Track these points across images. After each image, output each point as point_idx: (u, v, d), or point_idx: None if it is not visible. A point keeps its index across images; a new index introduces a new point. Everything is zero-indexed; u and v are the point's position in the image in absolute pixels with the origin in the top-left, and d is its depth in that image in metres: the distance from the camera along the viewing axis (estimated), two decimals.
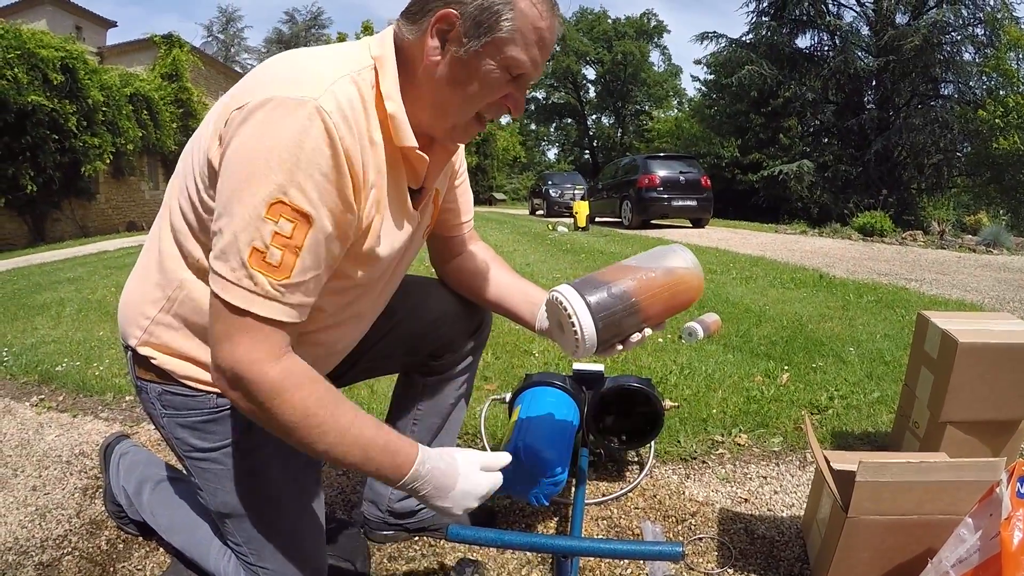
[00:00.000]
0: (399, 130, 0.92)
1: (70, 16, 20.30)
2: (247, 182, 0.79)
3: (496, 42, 0.89)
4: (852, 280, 5.02)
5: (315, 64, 0.87)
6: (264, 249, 0.79)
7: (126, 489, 1.42)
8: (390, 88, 0.91)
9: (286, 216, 0.79)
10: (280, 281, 0.81)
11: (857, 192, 19.96)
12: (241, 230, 0.79)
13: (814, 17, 22.24)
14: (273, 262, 0.80)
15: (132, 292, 1.05)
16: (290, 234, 0.80)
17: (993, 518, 0.91)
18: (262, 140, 0.79)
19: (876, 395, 2.24)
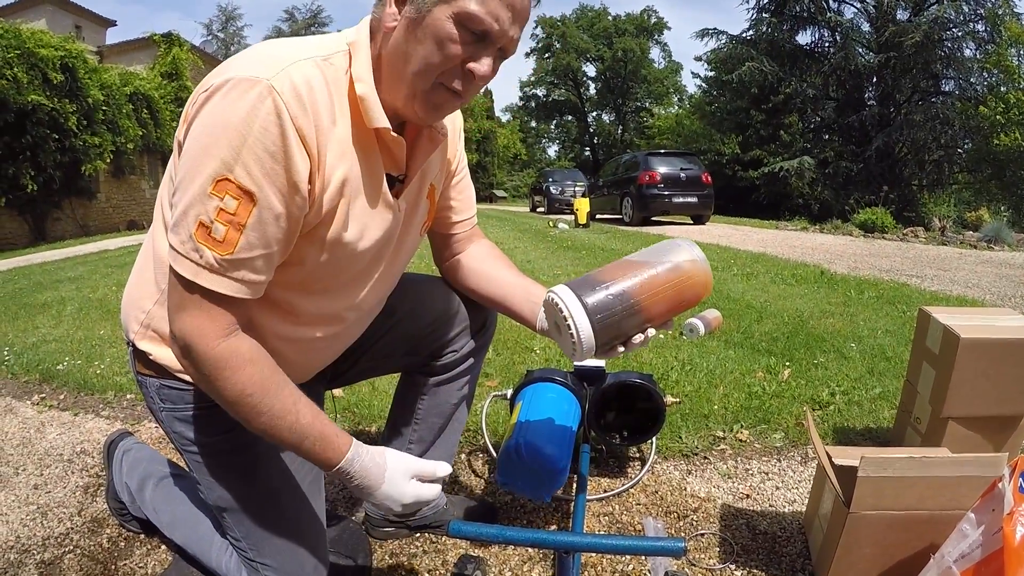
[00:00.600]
0: (369, 111, 0.90)
1: (70, 15, 20.31)
2: (199, 159, 0.80)
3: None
4: (853, 276, 5.02)
5: (278, 49, 0.87)
6: (209, 224, 0.80)
7: (129, 486, 1.42)
8: (361, 71, 0.90)
9: (231, 193, 0.80)
10: (224, 256, 0.81)
11: (858, 189, 19.94)
12: (190, 205, 0.80)
13: (815, 13, 22.23)
14: (217, 237, 0.80)
15: (132, 288, 1.06)
16: (234, 211, 0.80)
17: (995, 513, 0.91)
18: (213, 118, 0.80)
19: (878, 391, 2.24)
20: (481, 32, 0.85)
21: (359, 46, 0.91)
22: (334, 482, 1.72)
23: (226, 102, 0.80)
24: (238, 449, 1.03)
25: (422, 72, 0.87)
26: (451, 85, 0.89)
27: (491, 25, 0.85)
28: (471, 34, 0.85)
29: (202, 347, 0.83)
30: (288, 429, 0.88)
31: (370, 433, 2.02)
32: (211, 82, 0.83)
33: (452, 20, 0.84)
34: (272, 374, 0.89)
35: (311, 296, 0.99)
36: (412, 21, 0.86)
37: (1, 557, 1.43)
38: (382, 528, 1.45)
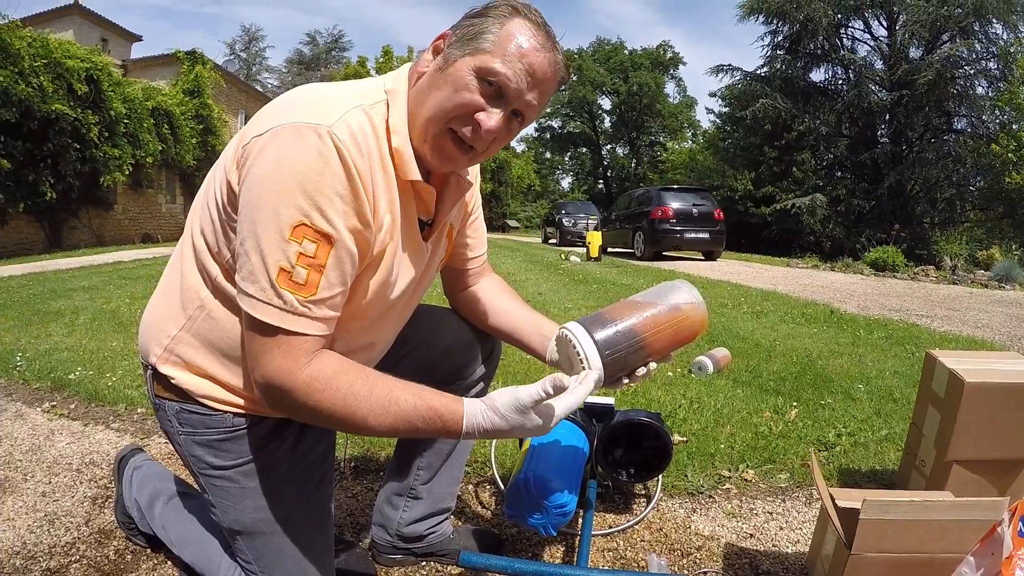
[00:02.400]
0: (404, 164, 0.95)
1: (97, 28, 20.77)
2: (270, 207, 0.83)
3: (475, 51, 0.92)
4: (863, 316, 5.01)
5: (330, 95, 0.92)
6: (290, 269, 0.84)
7: (138, 502, 1.43)
8: (397, 123, 0.95)
9: (309, 237, 0.84)
10: (307, 298, 0.86)
11: (869, 226, 19.95)
12: (268, 253, 0.84)
13: (828, 51, 22.47)
14: (299, 280, 0.85)
15: (154, 310, 1.07)
16: (313, 254, 0.85)
17: (995, 557, 0.91)
18: (280, 165, 0.83)
19: (884, 433, 2.23)
20: (497, 85, 0.92)
21: (397, 96, 0.96)
22: (341, 507, 1.73)
23: (288, 148, 0.84)
24: (255, 474, 1.04)
25: (435, 116, 0.94)
26: (459, 131, 0.94)
27: (506, 81, 0.92)
28: (488, 86, 0.92)
29: (288, 383, 0.87)
30: (395, 419, 0.91)
31: (379, 459, 2.04)
32: (268, 126, 0.86)
33: (473, 71, 0.91)
34: (358, 376, 0.91)
35: (343, 333, 1.01)
36: (439, 69, 0.94)
37: (7, 562, 1.45)
38: (389, 555, 1.46)
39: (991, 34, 19.86)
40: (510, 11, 0.94)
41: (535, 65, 0.93)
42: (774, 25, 23.16)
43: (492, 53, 0.91)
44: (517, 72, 0.92)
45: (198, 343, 1.00)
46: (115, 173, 14.57)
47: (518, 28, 0.93)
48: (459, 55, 0.92)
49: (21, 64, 11.71)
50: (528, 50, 0.92)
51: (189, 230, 1.02)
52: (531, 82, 0.93)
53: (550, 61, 0.95)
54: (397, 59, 32.07)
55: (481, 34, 0.92)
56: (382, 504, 1.45)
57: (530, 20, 0.94)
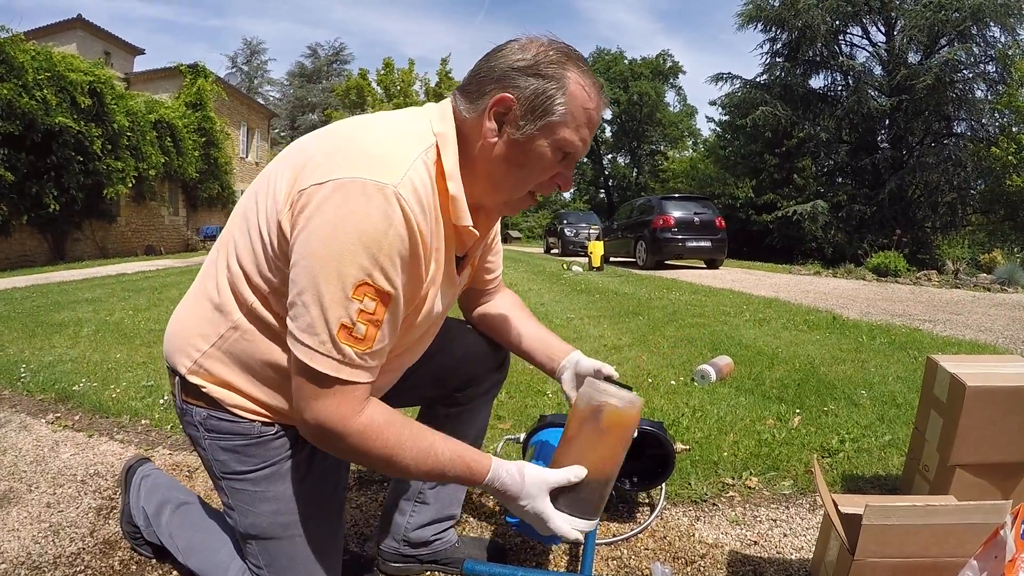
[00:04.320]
0: (458, 210, 0.99)
1: (100, 41, 20.91)
2: (334, 264, 0.85)
3: (550, 125, 0.96)
4: (865, 322, 5.01)
5: (389, 144, 0.93)
6: (351, 325, 0.88)
7: (145, 509, 1.44)
8: (452, 168, 0.98)
9: (370, 296, 0.87)
10: (364, 351, 0.90)
11: (871, 232, 19.94)
12: (330, 308, 0.87)
13: (827, 58, 22.52)
14: (359, 335, 0.89)
15: (183, 321, 1.09)
16: (373, 311, 0.89)
17: (997, 560, 0.91)
18: (346, 224, 0.85)
19: (887, 438, 2.23)
20: (572, 154, 1.01)
21: (447, 140, 0.98)
22: (346, 518, 1.73)
23: (357, 207, 0.85)
24: (275, 479, 1.07)
25: (520, 186, 1.02)
26: (540, 193, 1.06)
27: (579, 149, 1.00)
28: (563, 155, 1.00)
29: (342, 428, 0.91)
30: (431, 468, 0.97)
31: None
32: (329, 177, 0.87)
33: (551, 146, 0.98)
34: (404, 427, 0.97)
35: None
36: (514, 142, 0.97)
37: (12, 573, 1.45)
38: (394, 563, 1.46)
39: (989, 37, 19.89)
40: (562, 60, 0.97)
41: (595, 118, 1.00)
42: (773, 33, 23.22)
43: (566, 124, 0.97)
44: (585, 136, 1.00)
45: (229, 360, 1.03)
46: (118, 185, 14.66)
47: (579, 87, 0.97)
48: (534, 131, 0.96)
49: (25, 77, 11.81)
50: (593, 110, 0.99)
51: (224, 249, 1.03)
52: (591, 133, 1.02)
53: (602, 106, 1.02)
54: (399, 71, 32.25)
55: (549, 104, 0.96)
56: (389, 510, 1.46)
57: (581, 69, 0.98)
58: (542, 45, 0.98)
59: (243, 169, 25.66)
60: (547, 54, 0.97)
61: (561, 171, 1.02)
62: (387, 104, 30.79)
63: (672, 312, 5.50)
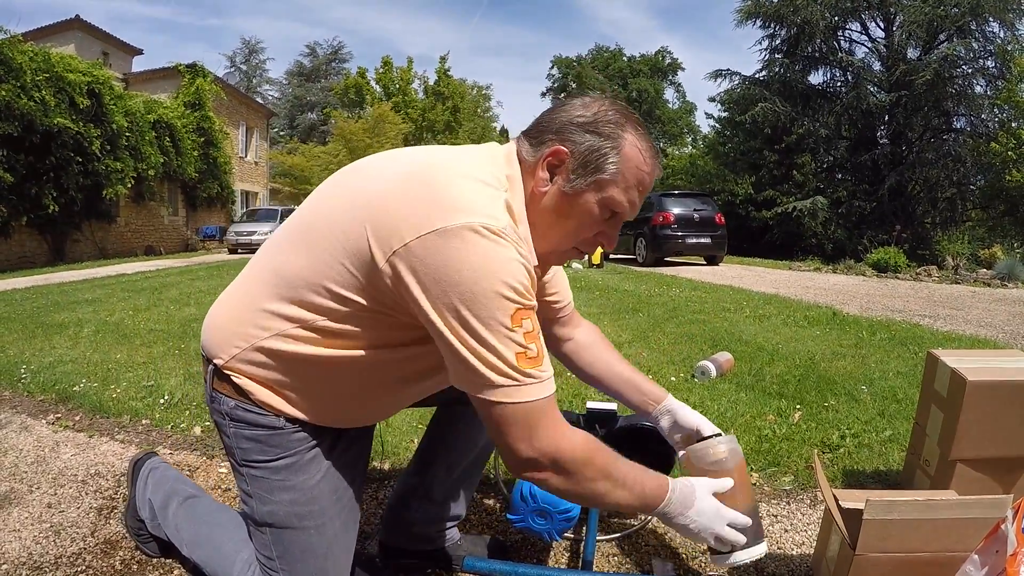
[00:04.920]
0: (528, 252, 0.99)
1: (98, 42, 20.89)
2: (485, 308, 0.86)
3: (599, 182, 0.98)
4: (865, 317, 5.01)
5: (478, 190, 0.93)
6: (524, 348, 0.89)
7: (152, 502, 1.44)
8: (520, 210, 0.99)
9: (524, 316, 0.89)
10: (541, 365, 0.91)
11: (871, 227, 19.95)
12: (501, 346, 0.88)
13: (827, 54, 22.53)
14: (533, 355, 0.90)
15: (225, 317, 1.09)
16: (532, 328, 0.91)
17: (999, 554, 0.91)
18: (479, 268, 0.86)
19: (888, 433, 2.23)
20: (619, 214, 1.02)
21: (515, 184, 1.00)
22: None
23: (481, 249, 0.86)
24: (296, 469, 1.08)
25: (566, 240, 1.04)
26: (583, 249, 1.07)
27: (626, 211, 1.02)
28: (610, 214, 1.02)
29: (565, 448, 0.93)
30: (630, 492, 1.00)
31: (383, 468, 2.04)
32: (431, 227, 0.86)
33: (599, 204, 1.00)
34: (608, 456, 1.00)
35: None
36: (565, 195, 1.00)
37: (14, 573, 1.45)
38: (396, 558, 1.46)
39: (988, 33, 19.94)
40: (620, 120, 0.99)
41: (646, 182, 1.02)
42: (772, 29, 23.24)
43: (616, 184, 0.98)
44: (634, 199, 1.02)
45: (265, 360, 1.03)
46: (117, 186, 14.66)
47: (634, 149, 0.99)
48: (584, 187, 0.98)
49: (23, 78, 11.81)
50: (644, 175, 1.01)
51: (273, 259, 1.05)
52: (641, 196, 1.03)
53: (658, 169, 1.03)
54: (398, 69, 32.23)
55: (602, 161, 0.98)
56: (395, 505, 1.46)
57: (638, 132, 1.00)
58: (603, 105, 1.01)
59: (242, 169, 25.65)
60: (607, 113, 0.99)
61: (606, 230, 1.04)
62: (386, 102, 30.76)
63: (672, 309, 5.50)
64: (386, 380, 1.07)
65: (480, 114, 40.09)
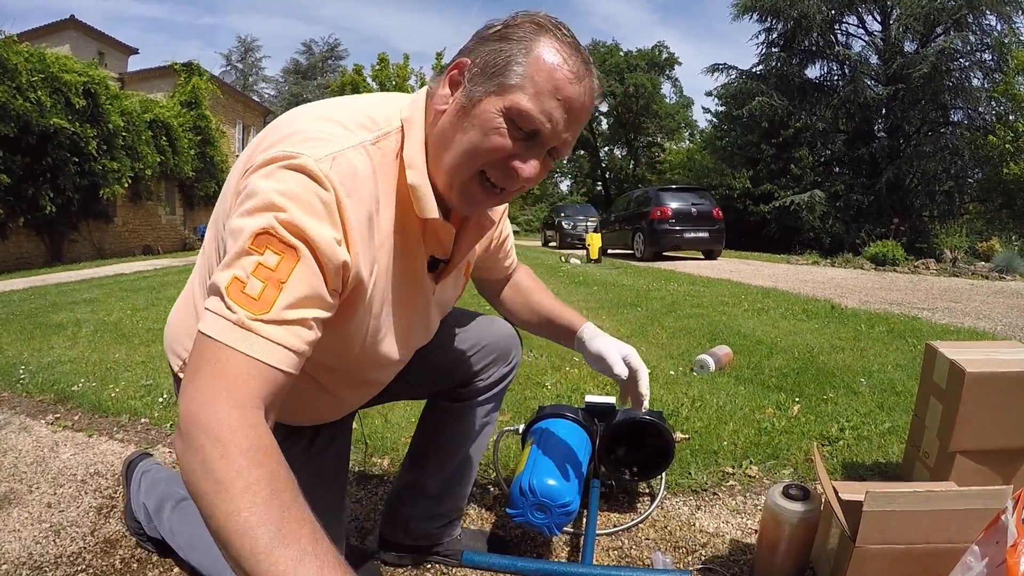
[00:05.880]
0: (421, 201, 0.87)
1: (93, 42, 20.84)
2: (236, 220, 0.74)
3: (502, 88, 0.81)
4: (864, 310, 5.01)
5: (329, 128, 0.81)
6: (244, 280, 0.71)
7: (146, 506, 1.44)
8: (413, 156, 0.86)
9: (272, 248, 0.72)
10: (257, 315, 0.70)
11: (869, 221, 19.94)
12: (224, 266, 0.73)
13: (823, 47, 22.50)
14: (252, 294, 0.70)
15: (175, 320, 1.08)
16: (275, 266, 0.71)
17: (999, 545, 0.91)
18: (256, 187, 0.75)
19: (887, 425, 2.23)
20: (531, 131, 0.83)
21: (413, 125, 0.87)
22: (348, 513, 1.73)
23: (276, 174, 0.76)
24: None
25: (464, 163, 0.84)
26: (493, 178, 0.86)
27: (542, 125, 0.82)
28: (520, 131, 0.82)
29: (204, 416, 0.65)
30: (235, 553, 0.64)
31: (382, 465, 2.04)
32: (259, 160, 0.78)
33: (502, 114, 0.81)
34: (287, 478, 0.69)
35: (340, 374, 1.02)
36: (462, 107, 0.83)
37: (14, 573, 1.45)
38: (396, 552, 1.46)
39: (985, 25, 19.88)
40: (535, 30, 0.83)
41: (572, 99, 0.83)
42: (768, 23, 23.20)
43: (522, 89, 0.81)
44: (550, 110, 0.82)
45: None
46: (114, 186, 14.62)
47: (548, 54, 0.82)
48: (483, 93, 0.82)
49: (19, 79, 11.77)
50: (562, 82, 0.82)
51: (205, 253, 0.99)
52: (568, 119, 0.84)
53: (587, 90, 0.84)
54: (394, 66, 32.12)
55: (506, 65, 0.81)
56: (392, 502, 1.46)
57: (559, 40, 0.83)
58: (523, 15, 0.85)
59: None
60: (522, 23, 0.84)
61: (519, 151, 0.84)
62: None
63: (670, 303, 5.50)
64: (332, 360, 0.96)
65: None
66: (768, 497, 1.29)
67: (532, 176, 0.86)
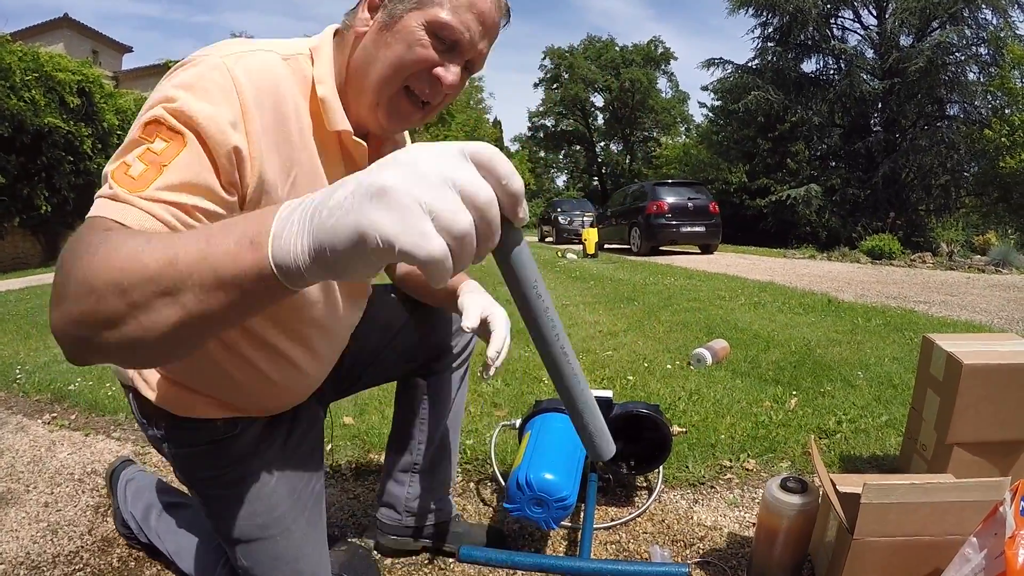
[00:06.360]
0: (329, 113, 0.90)
1: (87, 40, 20.77)
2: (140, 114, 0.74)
3: (421, 3, 0.86)
4: (861, 304, 5.02)
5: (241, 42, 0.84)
6: (130, 163, 0.69)
7: (134, 514, 1.44)
8: (323, 73, 0.90)
9: (161, 136, 0.71)
10: (135, 192, 0.67)
11: (865, 215, 19.97)
12: (117, 155, 0.72)
13: (819, 41, 22.48)
14: (134, 175, 0.69)
15: None
16: (160, 152, 0.71)
17: (998, 537, 0.92)
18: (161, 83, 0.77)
19: (884, 418, 2.24)
20: (451, 42, 0.88)
21: (321, 50, 0.92)
22: (343, 508, 1.74)
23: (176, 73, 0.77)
24: (248, 479, 1.04)
25: (389, 76, 0.88)
26: (417, 90, 0.90)
27: (462, 35, 0.88)
28: (441, 42, 0.88)
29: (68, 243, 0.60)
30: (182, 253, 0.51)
31: (380, 461, 2.03)
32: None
33: (423, 27, 0.86)
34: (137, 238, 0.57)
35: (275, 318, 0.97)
36: (383, 25, 0.88)
37: (12, 573, 1.45)
38: (396, 535, 1.47)
39: (981, 20, 19.87)
40: None
41: (484, 12, 0.88)
42: (764, 17, 23.17)
43: (440, 5, 0.86)
44: (467, 22, 0.87)
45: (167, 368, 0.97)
46: None
47: None
48: (404, 10, 0.86)
49: (12, 78, 11.69)
50: None
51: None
52: (482, 30, 0.90)
53: (496, 4, 0.90)
54: None
55: None
56: (387, 483, 1.47)
57: None
58: None
59: None
60: None
61: (441, 61, 0.88)
62: None
63: (667, 297, 5.50)
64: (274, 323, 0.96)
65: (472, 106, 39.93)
66: (766, 490, 1.29)
67: (454, 83, 0.90)
